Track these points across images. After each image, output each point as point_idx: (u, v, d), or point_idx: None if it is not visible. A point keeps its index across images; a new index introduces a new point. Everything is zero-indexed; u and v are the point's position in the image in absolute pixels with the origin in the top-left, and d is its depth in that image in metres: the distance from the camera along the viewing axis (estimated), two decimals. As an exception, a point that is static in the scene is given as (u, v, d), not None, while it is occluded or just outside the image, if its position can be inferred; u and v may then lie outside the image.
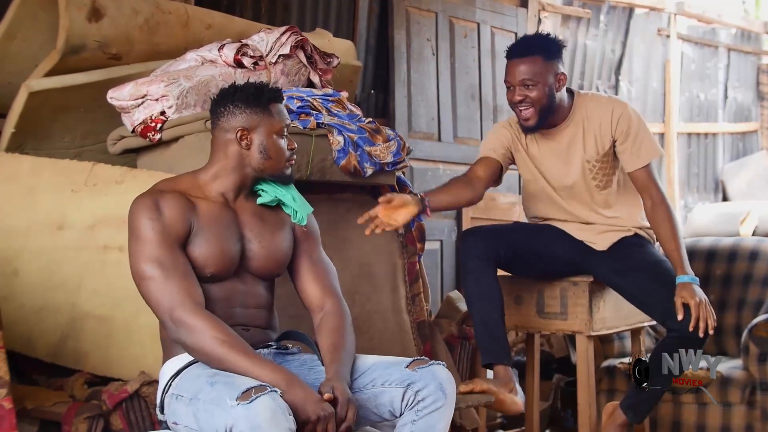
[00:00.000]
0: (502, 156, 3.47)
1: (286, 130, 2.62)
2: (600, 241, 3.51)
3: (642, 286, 3.36)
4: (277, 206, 2.67)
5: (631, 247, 3.47)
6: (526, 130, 3.41)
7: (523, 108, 3.33)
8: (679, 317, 3.17)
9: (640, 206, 3.49)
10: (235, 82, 2.68)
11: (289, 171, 2.64)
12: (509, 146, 3.50)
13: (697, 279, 3.26)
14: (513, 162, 3.55)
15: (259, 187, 2.65)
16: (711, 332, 3.18)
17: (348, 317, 2.62)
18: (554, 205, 3.55)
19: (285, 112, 2.63)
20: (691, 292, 3.20)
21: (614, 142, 3.41)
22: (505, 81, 3.37)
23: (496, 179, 3.52)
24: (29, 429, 2.86)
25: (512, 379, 3.35)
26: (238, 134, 2.56)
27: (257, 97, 2.57)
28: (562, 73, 3.35)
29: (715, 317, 3.20)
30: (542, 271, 3.57)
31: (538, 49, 3.34)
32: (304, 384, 2.31)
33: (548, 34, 3.50)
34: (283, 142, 2.61)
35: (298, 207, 2.65)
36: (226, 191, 2.59)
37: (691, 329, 3.16)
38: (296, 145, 2.65)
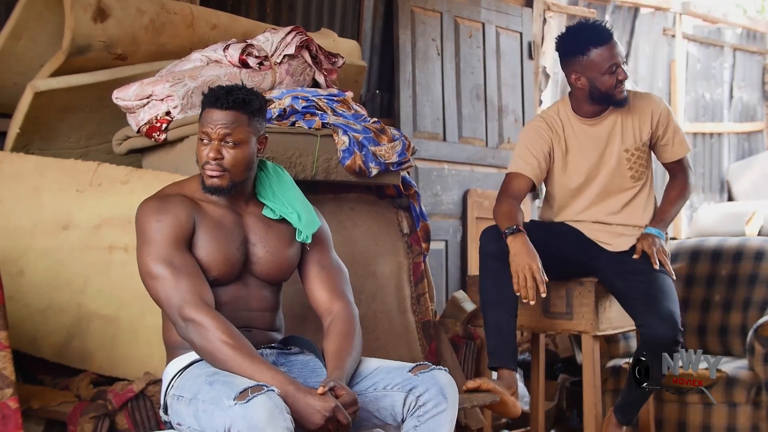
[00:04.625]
0: (537, 171, 3.54)
1: (209, 137, 2.51)
2: (616, 242, 3.53)
3: (633, 289, 3.42)
4: None
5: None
6: (621, 102, 3.47)
7: (621, 85, 3.44)
8: (635, 257, 3.45)
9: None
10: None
11: (207, 182, 2.53)
12: (548, 149, 3.56)
13: (663, 234, 3.51)
14: (549, 166, 3.59)
15: (264, 200, 2.64)
16: (666, 266, 3.43)
17: (356, 321, 2.61)
18: (576, 202, 3.57)
19: (214, 118, 2.50)
20: (650, 242, 3.45)
21: (651, 135, 3.54)
22: (611, 65, 3.41)
23: (534, 188, 3.64)
24: (35, 429, 2.87)
25: (515, 382, 3.37)
26: None
27: (202, 100, 2.56)
28: None
29: (669, 260, 3.49)
30: (553, 270, 3.58)
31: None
32: (307, 389, 2.31)
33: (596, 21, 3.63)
34: (201, 150, 2.53)
35: (303, 226, 2.62)
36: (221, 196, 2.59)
37: (656, 266, 3.41)
38: (219, 156, 2.50)
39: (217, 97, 2.51)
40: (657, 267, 3.39)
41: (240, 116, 2.52)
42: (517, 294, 3.25)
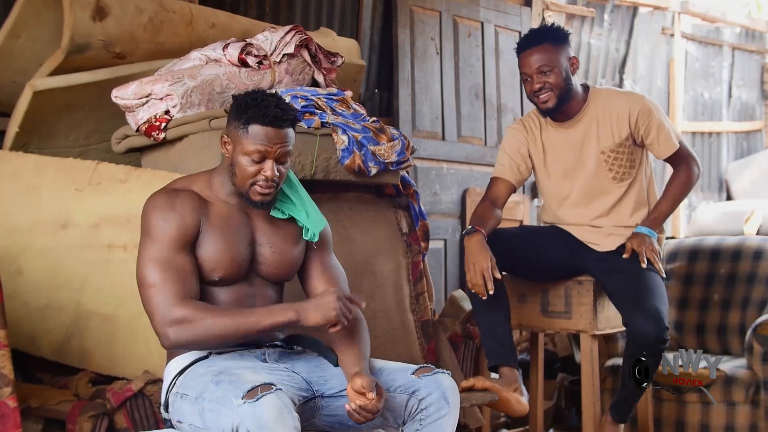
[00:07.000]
0: (516, 173, 3.56)
1: (265, 156, 2.45)
2: (604, 242, 3.52)
3: (620, 287, 3.41)
4: None
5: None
6: (545, 113, 3.47)
7: (542, 94, 3.39)
8: (624, 256, 3.41)
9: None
10: (264, 90, 2.57)
11: (257, 198, 2.49)
12: (526, 151, 3.56)
13: (655, 233, 3.45)
14: (530, 168, 3.59)
15: None
16: (655, 264, 3.39)
17: (362, 319, 2.61)
18: (565, 205, 3.57)
19: (273, 137, 2.44)
20: (640, 241, 3.41)
21: (632, 134, 3.47)
22: (522, 73, 3.43)
23: (515, 190, 3.63)
24: (34, 427, 2.87)
25: (517, 379, 3.37)
26: (222, 138, 2.53)
27: (241, 112, 2.46)
28: (574, 57, 3.46)
29: (661, 259, 3.44)
30: (543, 273, 3.58)
31: (546, 36, 3.43)
32: (311, 300, 2.41)
33: (552, 24, 3.59)
34: (251, 167, 2.46)
35: (310, 224, 2.62)
36: (231, 194, 2.57)
37: (643, 265, 3.35)
38: (276, 174, 2.46)
39: (275, 116, 2.44)
40: (644, 265, 3.38)
41: (292, 133, 2.52)
42: (472, 290, 3.28)
